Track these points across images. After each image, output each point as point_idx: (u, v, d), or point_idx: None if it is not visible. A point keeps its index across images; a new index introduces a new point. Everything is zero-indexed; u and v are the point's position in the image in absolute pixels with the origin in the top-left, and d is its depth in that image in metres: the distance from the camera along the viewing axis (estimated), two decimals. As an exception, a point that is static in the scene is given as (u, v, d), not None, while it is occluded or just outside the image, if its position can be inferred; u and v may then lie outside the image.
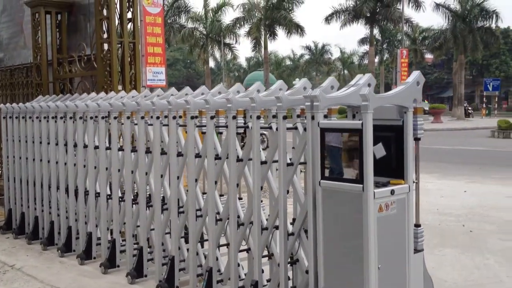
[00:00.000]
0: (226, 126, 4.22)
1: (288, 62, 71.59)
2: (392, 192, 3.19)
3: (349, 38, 64.84)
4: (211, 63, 57.56)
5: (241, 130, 4.24)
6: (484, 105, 48.55)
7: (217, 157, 4.38)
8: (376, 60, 54.68)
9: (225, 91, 4.88)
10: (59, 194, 6.30)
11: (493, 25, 46.89)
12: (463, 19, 45.44)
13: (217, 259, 4.54)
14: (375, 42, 50.03)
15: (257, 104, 3.93)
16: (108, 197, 5.68)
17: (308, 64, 66.62)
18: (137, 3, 7.31)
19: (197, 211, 4.63)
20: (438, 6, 45.30)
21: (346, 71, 65.50)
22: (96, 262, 5.76)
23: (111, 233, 5.71)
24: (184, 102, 4.53)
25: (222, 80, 59.65)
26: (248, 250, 4.37)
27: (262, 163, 4.03)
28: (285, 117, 3.80)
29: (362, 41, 51.80)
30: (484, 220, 7.73)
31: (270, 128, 4.07)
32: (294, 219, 4.08)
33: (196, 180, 4.59)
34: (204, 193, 4.73)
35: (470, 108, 47.09)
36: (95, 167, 5.80)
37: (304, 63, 67.00)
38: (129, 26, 7.24)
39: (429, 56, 57.48)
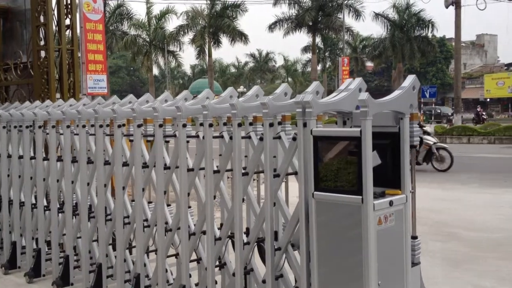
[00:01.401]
0: (153, 135, 4.27)
1: (232, 70, 71.90)
2: (391, 203, 3.00)
3: (293, 45, 65.71)
4: (155, 71, 57.06)
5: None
6: (422, 112, 50.32)
7: (145, 165, 4.42)
8: (319, 68, 55.72)
9: (171, 98, 4.90)
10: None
11: (430, 34, 48.76)
12: (401, 28, 47.03)
13: (145, 265, 4.57)
14: (317, 50, 51.02)
15: (209, 112, 3.86)
16: (33, 206, 5.64)
17: (252, 72, 67.11)
18: (75, 10, 7.24)
19: (125, 218, 4.66)
20: (377, 15, 46.73)
21: (290, 79, 66.42)
22: (21, 271, 5.70)
23: (37, 243, 5.66)
24: (111, 111, 4.56)
25: (166, 88, 59.18)
26: (176, 255, 4.43)
27: (189, 170, 4.10)
28: (240, 125, 3.73)
29: (305, 49, 52.65)
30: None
31: (221, 137, 4.07)
32: (221, 224, 4.17)
33: (123, 188, 4.62)
34: (133, 200, 4.76)
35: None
36: (19, 176, 5.76)
37: (248, 70, 67.50)
38: (68, 32, 7.16)
39: (369, 64, 59.15)
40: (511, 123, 29.62)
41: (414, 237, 3.23)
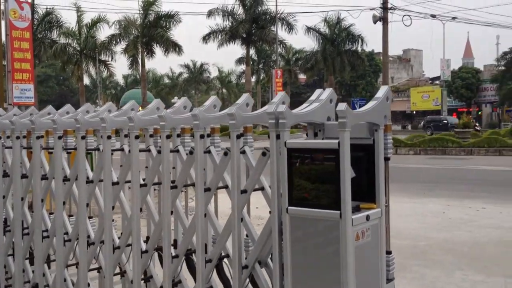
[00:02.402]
0: (75, 148, 4.13)
1: (166, 80, 71.35)
2: (368, 217, 2.88)
3: (228, 57, 66.17)
4: (86, 80, 55.64)
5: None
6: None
7: (66, 179, 4.28)
8: (253, 79, 56.34)
9: (92, 109, 4.78)
10: None
11: (359, 49, 50.47)
12: (332, 42, 48.38)
13: (65, 280, 4.40)
14: (251, 62, 51.61)
15: (135, 124, 3.79)
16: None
17: (187, 83, 66.94)
18: (0, 17, 6.91)
19: (43, 232, 4.49)
20: (309, 29, 47.88)
21: (224, 90, 66.68)
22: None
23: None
24: (28, 122, 4.38)
25: (98, 98, 57.83)
26: (99, 269, 4.29)
27: (114, 183, 4.00)
28: (168, 136, 3.66)
29: (239, 61, 53.12)
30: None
31: (148, 150, 4.00)
32: (148, 237, 4.10)
33: (42, 201, 4.45)
34: (51, 213, 4.60)
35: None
36: None
37: (183, 81, 67.19)
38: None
39: (302, 76, 60.37)
40: (435, 134, 31.03)
41: (388, 252, 3.13)
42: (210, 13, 44.68)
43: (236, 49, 66.69)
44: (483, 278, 5.96)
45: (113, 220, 4.11)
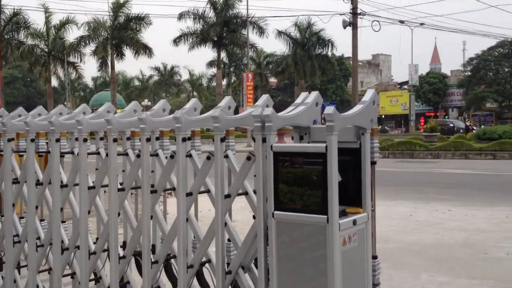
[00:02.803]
0: (48, 152, 4.03)
1: (136, 83, 70.66)
2: (354, 222, 2.83)
3: (199, 60, 65.89)
4: (54, 82, 54.74)
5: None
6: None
7: (38, 183, 4.16)
8: (224, 82, 56.26)
9: (66, 111, 4.65)
10: None
11: (329, 53, 50.88)
12: (302, 47, 48.65)
13: (37, 286, 4.28)
14: (222, 65, 51.50)
15: (113, 127, 3.71)
16: None
17: (157, 85, 66.42)
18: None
19: (14, 237, 4.36)
20: (280, 33, 48.03)
21: (195, 93, 66.37)
22: None
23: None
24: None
25: (66, 100, 56.91)
26: (73, 275, 4.20)
27: (90, 188, 3.91)
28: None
29: (210, 64, 53.01)
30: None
31: (126, 154, 3.93)
32: (124, 242, 4.03)
33: (13, 205, 4.33)
34: (21, 217, 4.49)
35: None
36: None
37: (153, 84, 66.67)
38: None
39: (273, 80, 60.59)
40: (403, 138, 31.49)
41: (374, 257, 3.08)
42: (181, 16, 44.41)
43: (207, 52, 66.55)
44: (448, 280, 6.03)
45: (63, 222, 4.09)
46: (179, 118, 3.35)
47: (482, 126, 44.62)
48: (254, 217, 3.07)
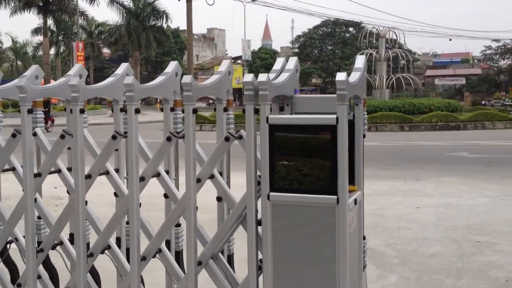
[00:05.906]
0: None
1: None
2: (355, 201, 2.59)
3: (23, 26, 59.98)
4: None
5: None
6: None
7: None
8: (52, 52, 52.34)
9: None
10: None
11: (165, 25, 50.01)
12: (136, 17, 47.12)
13: None
14: (50, 33, 47.77)
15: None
16: None
17: (-29, 53, 59.32)
18: None
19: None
20: (112, 1, 45.88)
21: (19, 62, 60.64)
22: None
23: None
24: None
25: None
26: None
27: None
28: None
29: (36, 31, 48.89)
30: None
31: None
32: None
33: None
34: None
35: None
36: None
37: (-35, 51, 59.39)
38: None
39: (106, 50, 57.81)
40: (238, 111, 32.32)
41: (363, 237, 2.86)
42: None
43: (33, 18, 61.12)
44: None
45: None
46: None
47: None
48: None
